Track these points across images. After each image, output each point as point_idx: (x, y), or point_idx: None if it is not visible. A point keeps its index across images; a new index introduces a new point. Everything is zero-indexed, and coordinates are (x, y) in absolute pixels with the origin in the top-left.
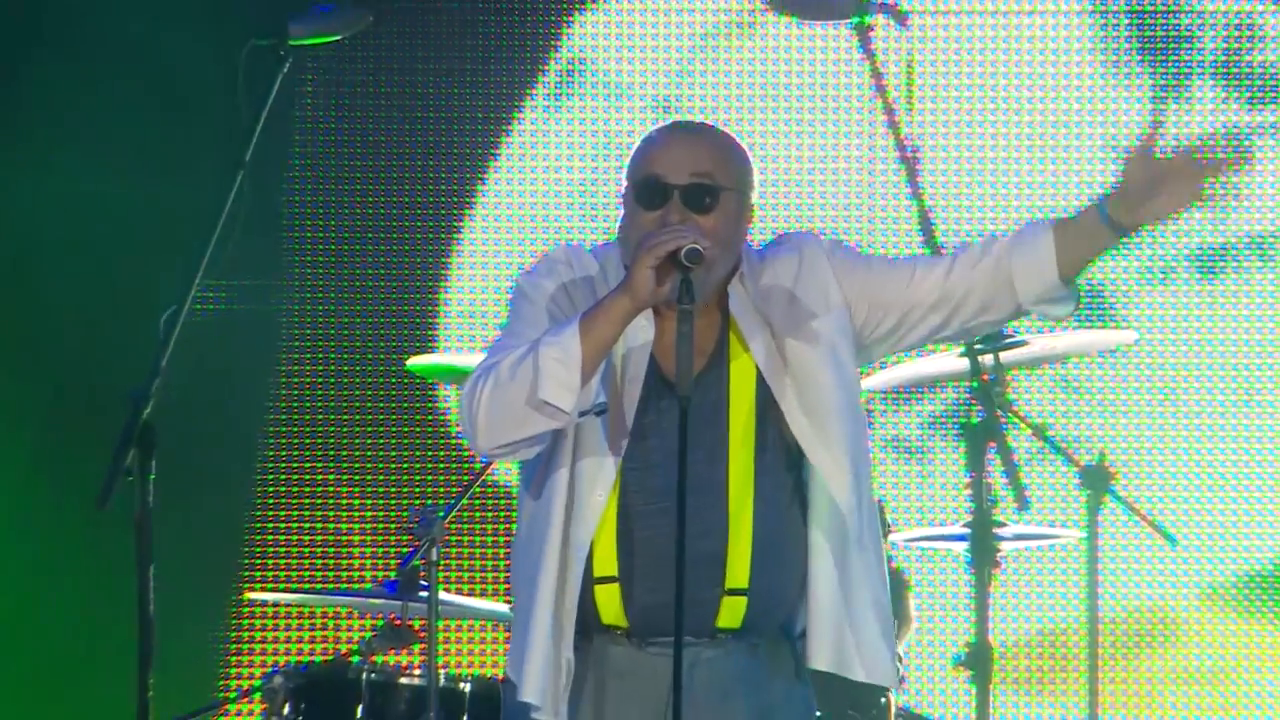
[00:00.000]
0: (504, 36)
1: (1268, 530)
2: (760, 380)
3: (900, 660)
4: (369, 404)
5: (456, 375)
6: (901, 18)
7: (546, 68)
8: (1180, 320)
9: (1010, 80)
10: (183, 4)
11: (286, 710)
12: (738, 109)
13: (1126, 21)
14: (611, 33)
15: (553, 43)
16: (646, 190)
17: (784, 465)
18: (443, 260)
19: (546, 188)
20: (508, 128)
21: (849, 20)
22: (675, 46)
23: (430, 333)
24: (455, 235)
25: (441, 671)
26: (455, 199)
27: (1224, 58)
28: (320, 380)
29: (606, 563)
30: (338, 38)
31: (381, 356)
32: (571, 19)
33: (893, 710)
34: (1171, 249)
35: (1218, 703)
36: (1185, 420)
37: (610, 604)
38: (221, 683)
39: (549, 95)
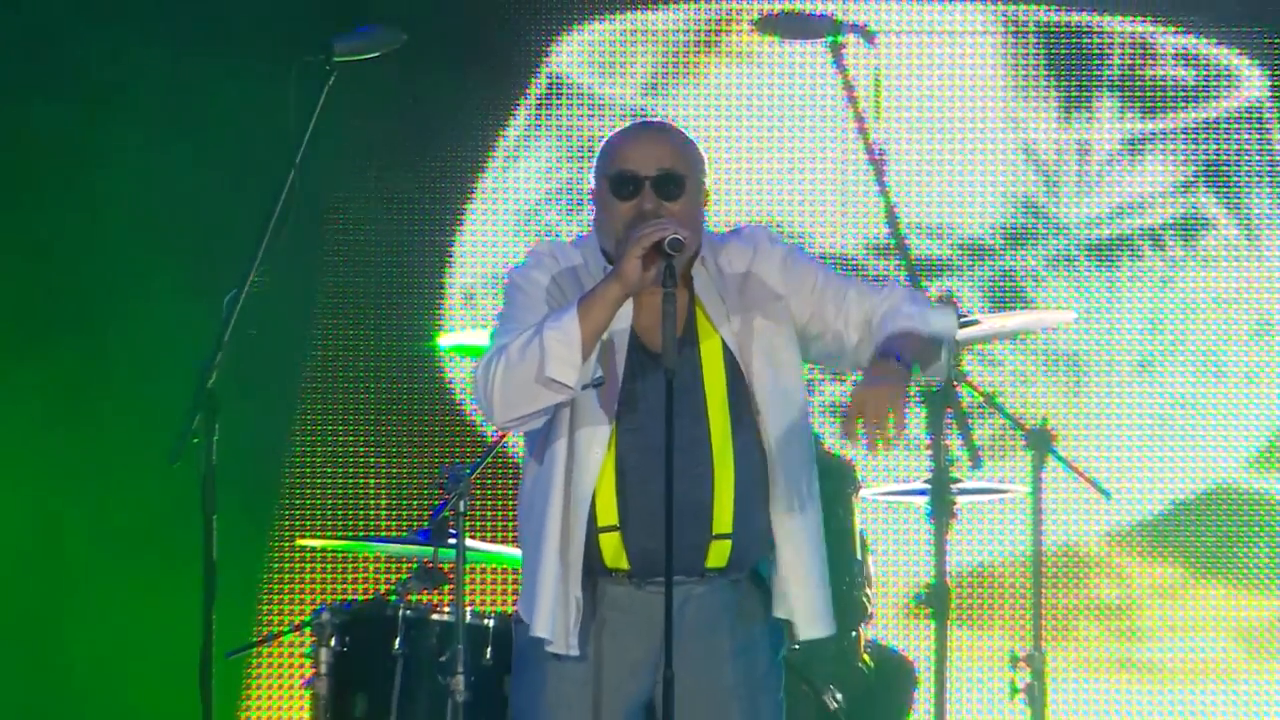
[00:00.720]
0: (493, 56)
1: (1168, 483)
2: (727, 352)
3: (869, 599)
4: (397, 376)
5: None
6: (870, 36)
7: (531, 84)
8: (1089, 302)
9: (958, 90)
10: (234, 26)
11: (333, 643)
12: (726, 116)
13: (1037, 42)
14: (597, 49)
15: (539, 60)
16: (620, 183)
17: (751, 426)
18: (446, 250)
19: (532, 187)
20: (500, 133)
21: (824, 39)
22: (662, 63)
23: (437, 311)
24: (458, 227)
25: (468, 609)
26: (456, 194)
27: (1123, 73)
28: (352, 351)
29: (607, 514)
30: (375, 54)
31: (405, 332)
32: (561, 38)
33: (862, 642)
34: (1074, 240)
35: (1133, 625)
36: (1112, 389)
37: (611, 549)
38: (275, 619)
39: (534, 108)
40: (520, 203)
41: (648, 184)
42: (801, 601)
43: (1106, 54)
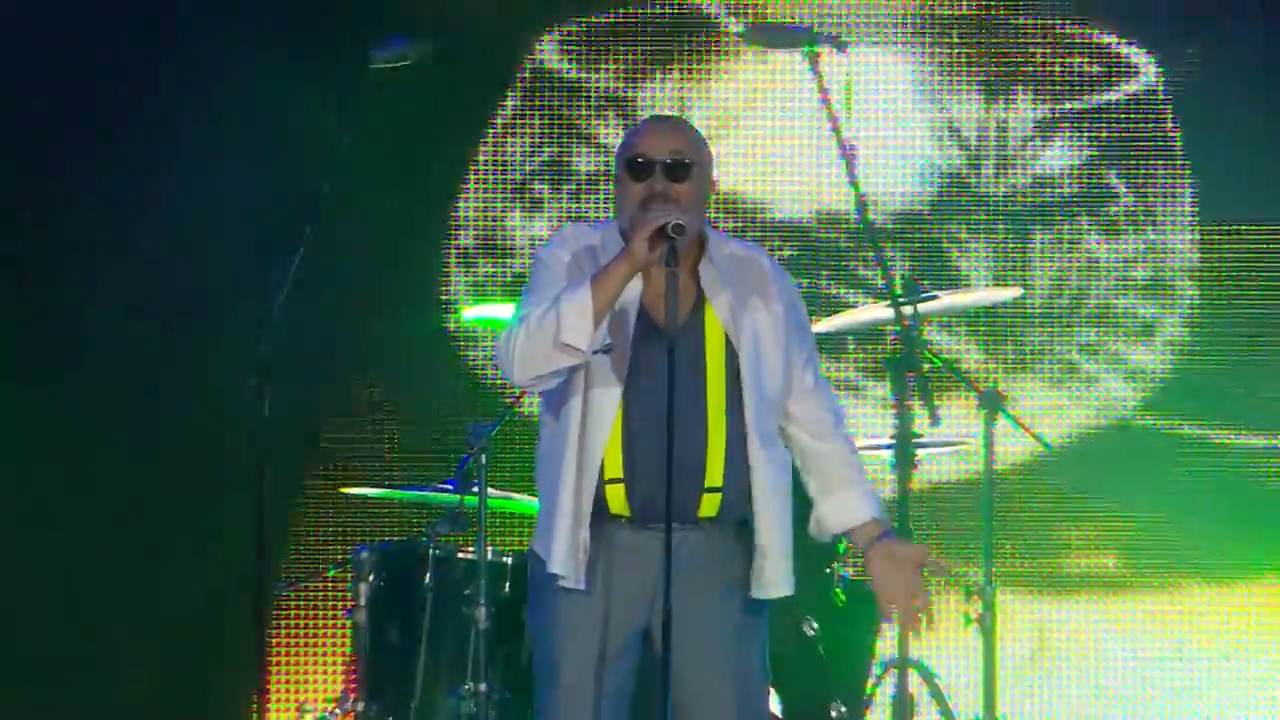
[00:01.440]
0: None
1: (1075, 422)
2: (724, 336)
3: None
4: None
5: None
6: (842, 46)
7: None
8: (1007, 265)
9: (895, 84)
10: (278, 35)
11: (370, 579)
12: (720, 116)
13: (962, 38)
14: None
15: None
16: (634, 166)
17: (739, 399)
18: (446, 219)
19: (523, 173)
20: (491, 123)
21: (802, 48)
22: (658, 70)
23: (441, 276)
24: (455, 211)
25: (488, 549)
26: (452, 183)
27: (1038, 64)
28: (383, 320)
29: (614, 468)
30: (408, 62)
31: (415, 301)
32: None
33: (835, 578)
34: (994, 210)
35: (1060, 546)
36: (1027, 340)
37: (616, 499)
38: (319, 558)
39: (521, 97)
40: (503, 185)
41: (659, 167)
42: (765, 573)
43: (1024, 47)
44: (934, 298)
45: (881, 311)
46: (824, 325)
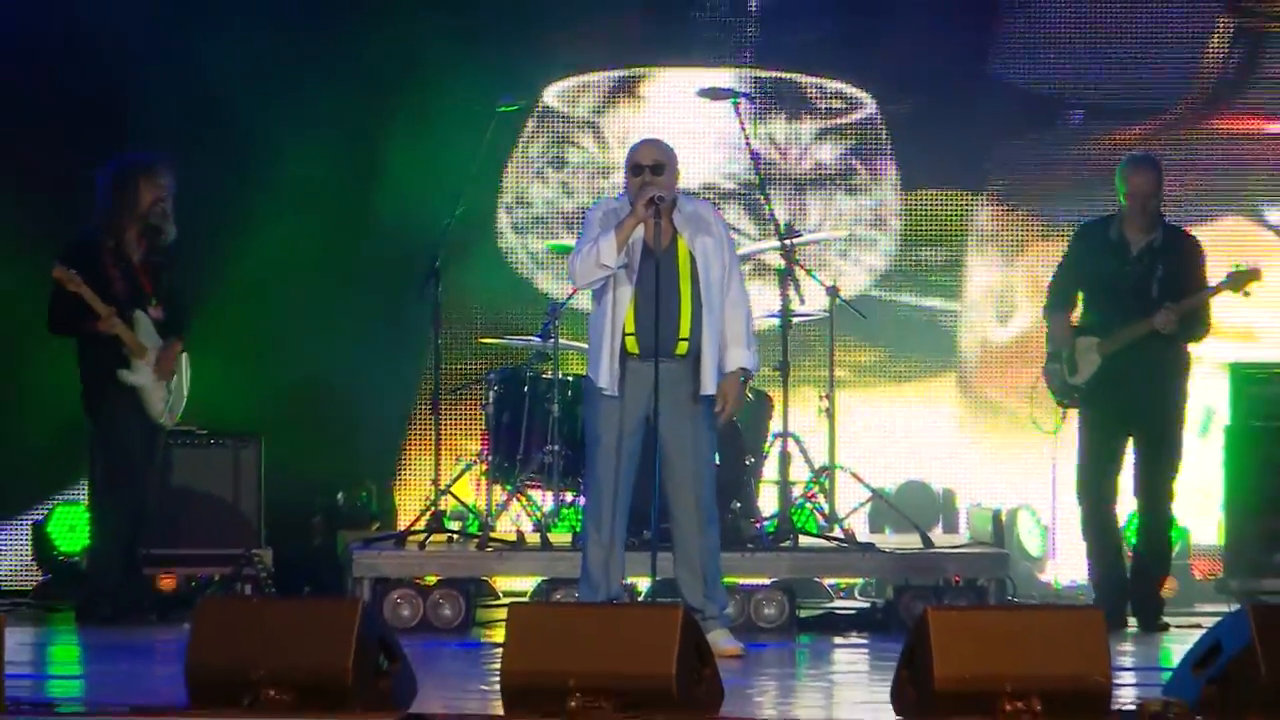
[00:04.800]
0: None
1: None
2: (689, 253)
3: (750, 379)
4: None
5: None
6: (750, 99)
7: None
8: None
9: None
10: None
11: (496, 388)
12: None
13: (766, 99)
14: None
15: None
16: (634, 169)
17: (696, 291)
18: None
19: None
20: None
21: (731, 99)
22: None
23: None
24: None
25: (560, 372)
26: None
27: (805, 106)
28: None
29: (630, 327)
30: (516, 109)
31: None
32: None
33: (748, 386)
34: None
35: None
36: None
37: (631, 344)
38: (469, 376)
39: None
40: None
41: (647, 170)
42: (704, 379)
43: (803, 100)
44: (798, 234)
45: (773, 243)
46: (741, 250)
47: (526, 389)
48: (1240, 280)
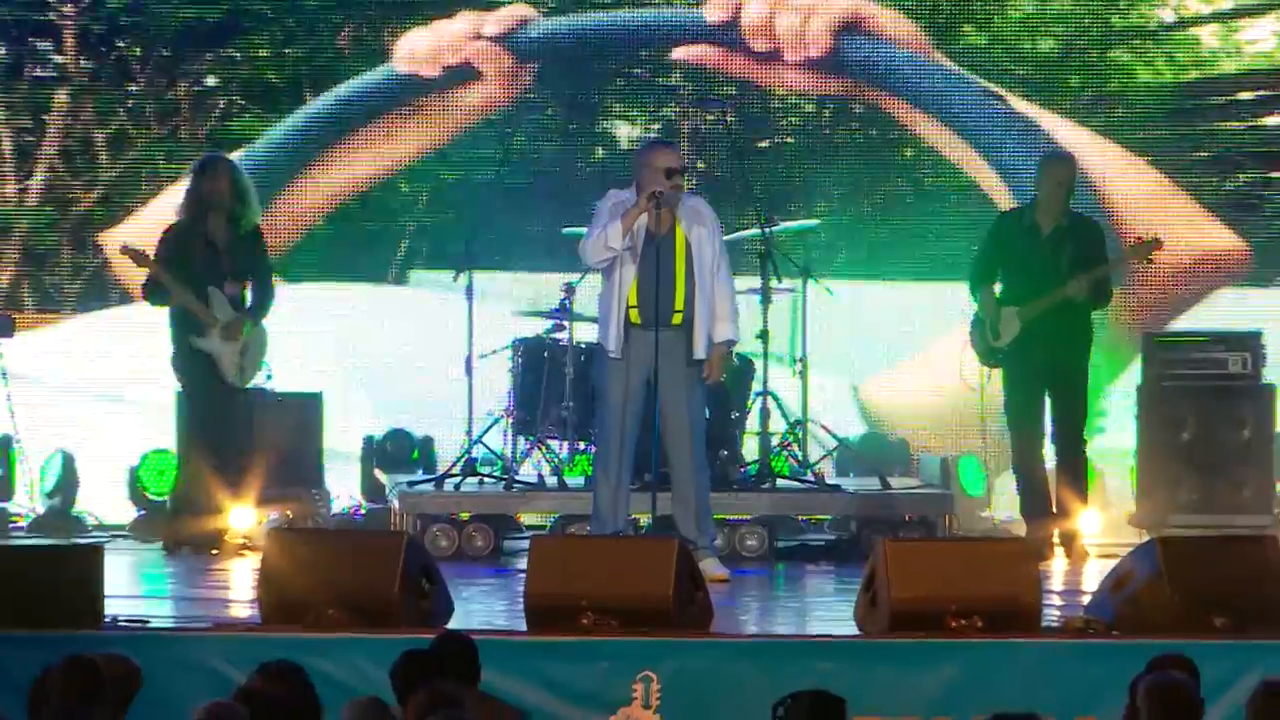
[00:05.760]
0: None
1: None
2: (686, 240)
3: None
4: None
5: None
6: (728, 106)
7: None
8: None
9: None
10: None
11: (521, 353)
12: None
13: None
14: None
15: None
16: (669, 172)
17: (690, 271)
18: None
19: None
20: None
21: (717, 104)
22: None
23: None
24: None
25: (577, 341)
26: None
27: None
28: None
29: (633, 300)
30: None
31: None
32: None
33: (732, 354)
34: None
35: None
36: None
37: (634, 315)
38: (487, 348)
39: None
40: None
41: (678, 174)
42: (696, 344)
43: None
44: (775, 222)
45: (754, 230)
46: (728, 238)
47: (546, 354)
48: (1142, 250)
